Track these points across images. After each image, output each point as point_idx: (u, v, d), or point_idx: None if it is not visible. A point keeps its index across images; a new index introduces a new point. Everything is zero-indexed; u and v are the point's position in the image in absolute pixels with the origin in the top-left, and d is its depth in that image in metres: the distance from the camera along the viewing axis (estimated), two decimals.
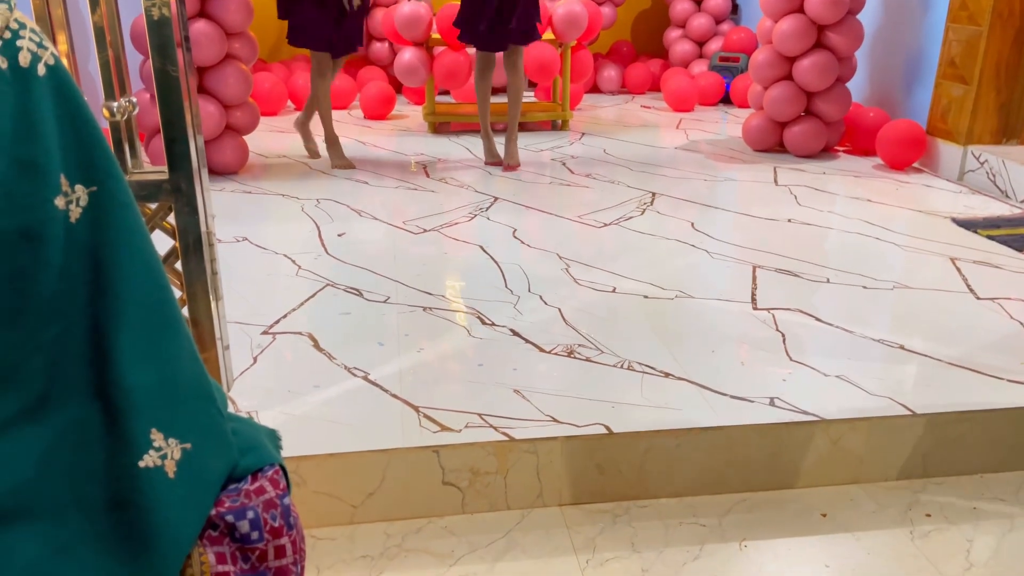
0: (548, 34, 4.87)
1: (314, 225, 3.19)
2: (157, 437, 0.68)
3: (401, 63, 4.87)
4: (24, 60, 0.61)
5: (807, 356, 2.12)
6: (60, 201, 0.63)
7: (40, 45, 0.62)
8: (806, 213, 3.37)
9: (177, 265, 1.79)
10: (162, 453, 0.68)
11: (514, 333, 2.25)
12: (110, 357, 0.66)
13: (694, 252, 2.90)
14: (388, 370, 2.04)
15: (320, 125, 4.22)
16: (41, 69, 0.62)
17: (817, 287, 2.59)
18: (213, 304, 1.83)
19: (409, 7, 4.74)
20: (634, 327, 2.29)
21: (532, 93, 5.56)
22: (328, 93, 4.11)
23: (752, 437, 1.80)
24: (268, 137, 4.76)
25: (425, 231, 3.14)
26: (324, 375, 2.02)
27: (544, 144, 4.73)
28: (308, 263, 2.78)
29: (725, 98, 6.02)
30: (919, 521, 1.73)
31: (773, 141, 4.44)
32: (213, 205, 1.86)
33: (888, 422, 1.83)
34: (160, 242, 1.00)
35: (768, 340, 2.21)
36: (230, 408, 0.79)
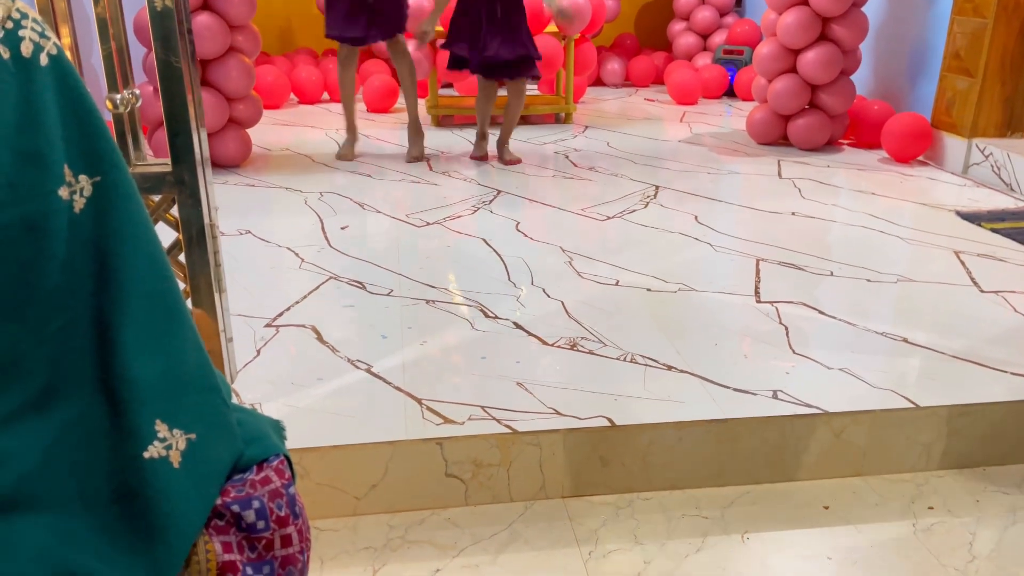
0: (551, 27, 4.85)
1: (317, 218, 3.19)
2: (162, 428, 0.68)
3: None
4: (26, 50, 0.61)
5: (810, 349, 2.12)
6: (64, 192, 0.62)
7: (42, 35, 0.62)
8: (810, 206, 3.36)
9: (181, 257, 1.80)
10: (167, 444, 0.68)
11: (517, 326, 2.25)
12: (114, 349, 0.66)
13: (697, 245, 2.90)
14: (391, 363, 2.04)
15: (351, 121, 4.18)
16: (43, 59, 0.62)
17: (821, 280, 2.58)
18: (217, 296, 1.84)
19: (413, 1, 4.72)
20: (637, 320, 2.29)
21: (536, 86, 5.54)
22: (351, 83, 4.09)
23: (755, 430, 1.80)
24: (271, 130, 4.76)
25: (428, 224, 3.13)
26: (327, 367, 2.02)
27: (547, 137, 4.72)
28: (311, 256, 2.78)
29: (729, 91, 6.01)
30: (922, 514, 1.73)
31: (777, 134, 4.43)
32: (216, 198, 1.87)
33: (891, 415, 1.83)
34: (163, 234, 1.00)
35: (771, 333, 2.21)
36: (234, 400, 0.79)
